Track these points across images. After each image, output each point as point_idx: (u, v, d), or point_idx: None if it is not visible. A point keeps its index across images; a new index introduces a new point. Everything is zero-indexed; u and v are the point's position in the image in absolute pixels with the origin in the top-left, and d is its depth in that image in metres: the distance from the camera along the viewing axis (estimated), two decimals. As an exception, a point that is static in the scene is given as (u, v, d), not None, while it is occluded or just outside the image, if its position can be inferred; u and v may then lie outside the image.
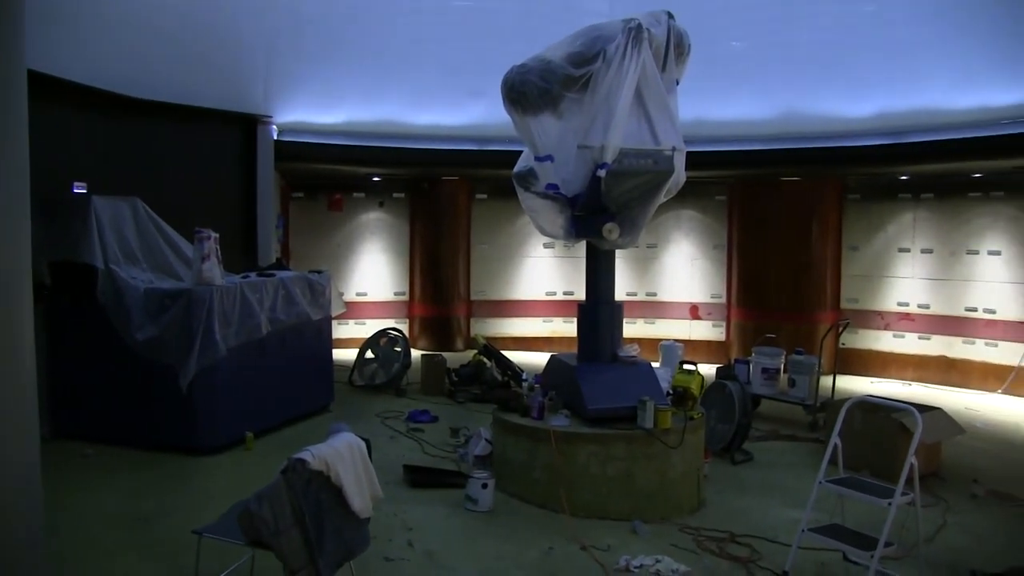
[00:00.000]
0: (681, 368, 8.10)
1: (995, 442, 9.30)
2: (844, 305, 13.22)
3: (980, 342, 12.07)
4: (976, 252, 12.08)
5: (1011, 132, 10.43)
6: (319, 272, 9.80)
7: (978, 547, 6.23)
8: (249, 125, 11.86)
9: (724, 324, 14.01)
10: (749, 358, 10.36)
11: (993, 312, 11.92)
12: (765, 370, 10.10)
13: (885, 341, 12.98)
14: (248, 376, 8.36)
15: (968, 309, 12.18)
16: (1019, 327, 11.64)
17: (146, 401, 8.01)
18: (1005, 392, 11.69)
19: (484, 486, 6.66)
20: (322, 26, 12.09)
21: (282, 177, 13.25)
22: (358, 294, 14.39)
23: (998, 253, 11.86)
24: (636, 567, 5.62)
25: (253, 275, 9.06)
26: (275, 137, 12.13)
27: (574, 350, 7.64)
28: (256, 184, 11.89)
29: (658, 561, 5.68)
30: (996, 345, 11.90)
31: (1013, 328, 11.71)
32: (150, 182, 9.91)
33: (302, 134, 12.48)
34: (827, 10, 11.51)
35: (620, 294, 9.13)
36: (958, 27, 10.74)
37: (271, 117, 12.03)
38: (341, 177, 14.14)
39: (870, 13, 11.40)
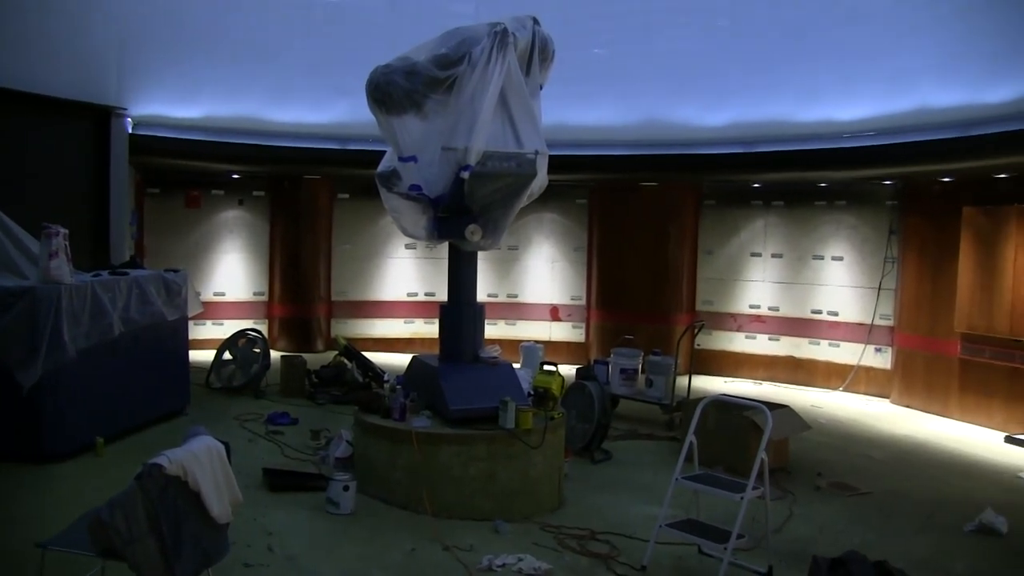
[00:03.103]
0: (542, 369, 8.19)
1: (837, 437, 9.81)
2: (700, 307, 13.66)
3: (824, 343, 12.70)
4: (821, 257, 12.71)
5: (851, 146, 11.03)
6: (175, 271, 9.48)
7: (820, 535, 6.57)
8: (101, 117, 11.31)
9: (584, 325, 14.26)
10: (608, 359, 10.59)
11: (836, 314, 12.56)
12: (624, 370, 10.34)
13: (738, 342, 13.49)
14: (99, 378, 7.99)
15: (814, 311, 12.80)
16: (859, 328, 12.32)
17: (-17, 406, 7.54)
18: (846, 390, 12.36)
19: (345, 488, 6.58)
20: (180, 15, 11.69)
21: (137, 172, 12.75)
22: (216, 294, 13.99)
23: (841, 259, 12.52)
24: (498, 566, 5.66)
25: (105, 273, 8.67)
26: (129, 130, 11.63)
27: (436, 351, 7.65)
28: (109, 179, 11.34)
29: (520, 560, 5.73)
30: (838, 346, 12.55)
31: (853, 330, 12.38)
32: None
33: (158, 128, 12.03)
34: (686, 21, 11.87)
35: (482, 295, 9.20)
36: (805, 44, 11.26)
37: (125, 109, 11.51)
38: (199, 173, 13.69)
39: (726, 27, 11.83)
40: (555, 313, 14.36)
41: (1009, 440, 9.73)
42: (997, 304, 10.23)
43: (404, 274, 14.60)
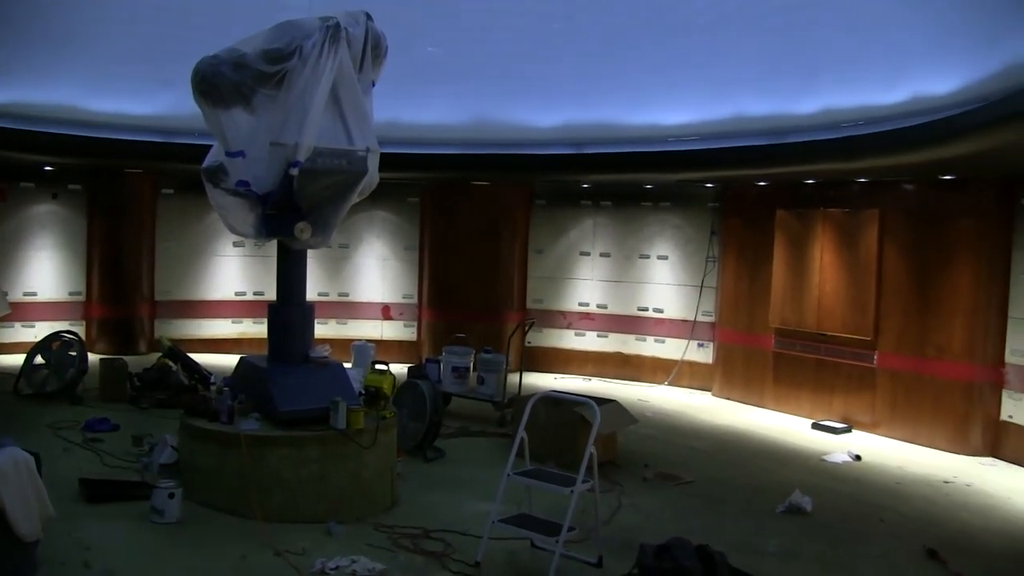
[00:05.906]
0: (373, 368, 8.14)
1: (663, 429, 10.22)
2: (530, 305, 13.90)
3: (650, 339, 13.18)
4: (647, 256, 13.18)
5: (675, 149, 11.43)
6: (-22, 269, 8.91)
7: (647, 524, 6.85)
8: None
9: (416, 324, 14.24)
10: (440, 357, 10.62)
11: (661, 311, 13.05)
12: (455, 369, 10.40)
13: (567, 339, 13.80)
14: None
15: (640, 309, 13.26)
16: (682, 325, 12.84)
17: None
18: (671, 384, 12.86)
19: (171, 496, 6.35)
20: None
21: (-69, 161, 11.87)
22: (26, 294, 13.19)
23: (665, 258, 13.02)
24: (332, 569, 5.60)
25: None
26: (-82, 113, 10.77)
27: (265, 352, 7.50)
28: None
29: (354, 561, 5.69)
30: (663, 342, 13.04)
31: (677, 326, 12.90)
32: None
33: (-46, 113, 11.20)
34: (520, 24, 11.98)
35: (312, 294, 9.10)
36: (634, 51, 11.59)
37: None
38: (6, 164, 12.84)
39: (559, 30, 12.03)
40: (387, 312, 14.29)
41: (815, 427, 10.51)
42: (806, 301, 10.92)
43: (232, 273, 14.19)
